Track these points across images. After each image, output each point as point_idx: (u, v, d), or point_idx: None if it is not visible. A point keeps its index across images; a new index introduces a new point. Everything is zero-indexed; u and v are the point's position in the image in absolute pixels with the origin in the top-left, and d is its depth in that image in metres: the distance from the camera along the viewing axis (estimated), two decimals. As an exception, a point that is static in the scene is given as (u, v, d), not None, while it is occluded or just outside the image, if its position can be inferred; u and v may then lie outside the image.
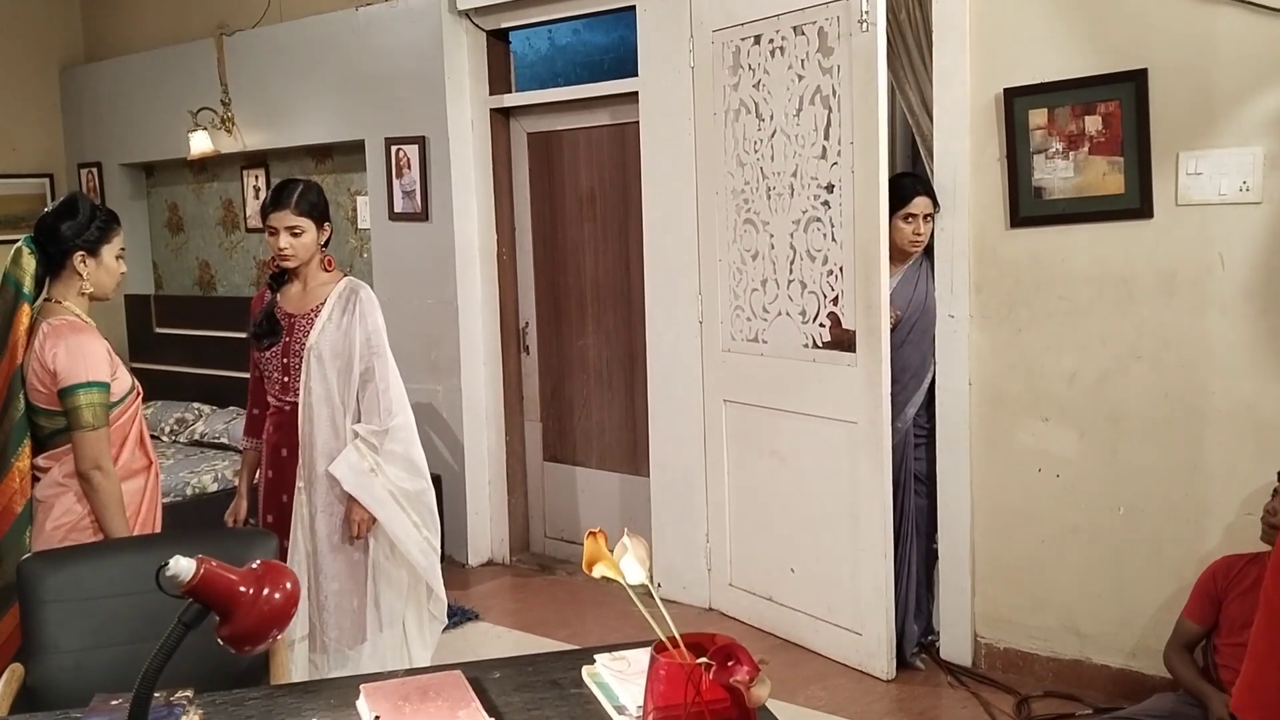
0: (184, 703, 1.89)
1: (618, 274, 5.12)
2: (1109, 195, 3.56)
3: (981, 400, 3.91)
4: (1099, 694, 3.70)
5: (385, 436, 3.31)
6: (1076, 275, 3.67)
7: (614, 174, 5.07)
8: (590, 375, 5.30)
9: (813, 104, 3.97)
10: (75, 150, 7.13)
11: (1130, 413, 3.61)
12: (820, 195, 3.98)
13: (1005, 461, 3.88)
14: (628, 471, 5.17)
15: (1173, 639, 3.23)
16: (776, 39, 4.08)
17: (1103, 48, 3.54)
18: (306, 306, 3.36)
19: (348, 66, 5.56)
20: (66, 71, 7.12)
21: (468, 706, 1.86)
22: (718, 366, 4.52)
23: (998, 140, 3.77)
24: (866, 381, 3.87)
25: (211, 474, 5.37)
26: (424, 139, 5.28)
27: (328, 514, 3.35)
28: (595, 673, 2.02)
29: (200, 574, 1.49)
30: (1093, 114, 3.56)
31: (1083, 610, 3.77)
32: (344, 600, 3.38)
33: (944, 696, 3.81)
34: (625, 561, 1.65)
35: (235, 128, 6.11)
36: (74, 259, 2.94)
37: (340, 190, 5.94)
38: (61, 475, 2.92)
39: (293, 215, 3.28)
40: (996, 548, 3.93)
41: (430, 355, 5.38)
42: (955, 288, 3.90)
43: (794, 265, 4.11)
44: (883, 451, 3.84)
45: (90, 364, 2.86)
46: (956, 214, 3.88)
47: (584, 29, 5.58)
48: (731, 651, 1.49)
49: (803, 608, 4.22)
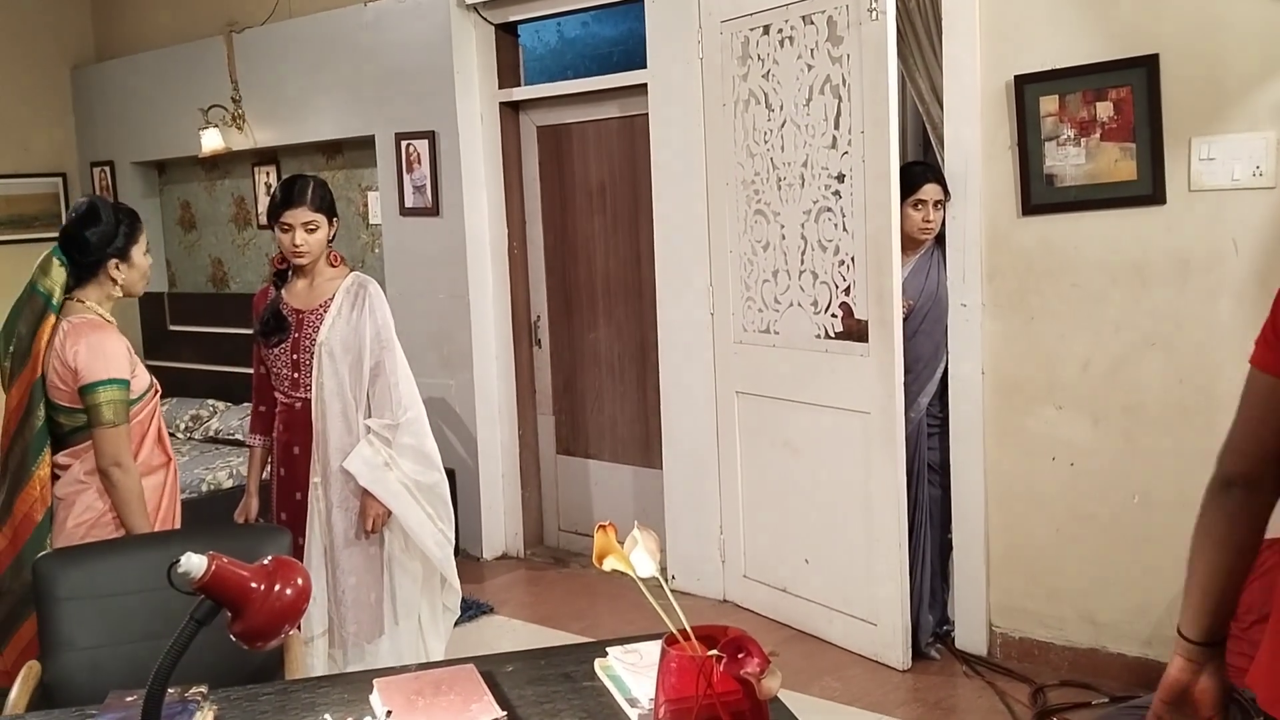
0: (198, 699, 1.90)
1: (629, 266, 5.11)
2: (1121, 182, 3.54)
3: (995, 389, 3.89)
4: (1115, 683, 3.69)
5: (398, 430, 3.32)
6: (1089, 262, 3.65)
7: (624, 166, 5.07)
8: (602, 368, 5.30)
9: (822, 94, 3.95)
10: (87, 149, 7.15)
11: (1144, 400, 3.59)
12: (831, 185, 3.97)
13: (1019, 450, 3.87)
14: (641, 464, 5.17)
15: None
16: (786, 29, 4.06)
17: (1114, 33, 3.51)
18: (314, 302, 3.37)
19: (357, 62, 5.56)
20: (78, 71, 7.14)
21: (480, 700, 1.87)
22: (730, 358, 4.51)
23: (1009, 128, 3.75)
24: (879, 372, 3.86)
25: (226, 470, 5.39)
26: (434, 134, 5.28)
27: (343, 509, 3.36)
28: (608, 665, 2.02)
29: (211, 571, 1.49)
30: (1104, 100, 3.53)
31: (1098, 599, 3.75)
32: (361, 594, 3.40)
33: (959, 686, 3.81)
34: (636, 554, 1.65)
35: (246, 125, 6.12)
36: (107, 266, 2.95)
37: (351, 186, 5.95)
38: (82, 472, 2.93)
39: (309, 211, 3.29)
40: (1011, 537, 3.92)
41: (442, 349, 5.38)
42: (967, 276, 3.88)
43: (805, 256, 4.10)
44: (896, 442, 3.84)
45: (110, 361, 2.87)
46: (968, 202, 3.86)
47: (592, 21, 5.57)
48: (742, 644, 1.49)
49: (817, 599, 4.22)
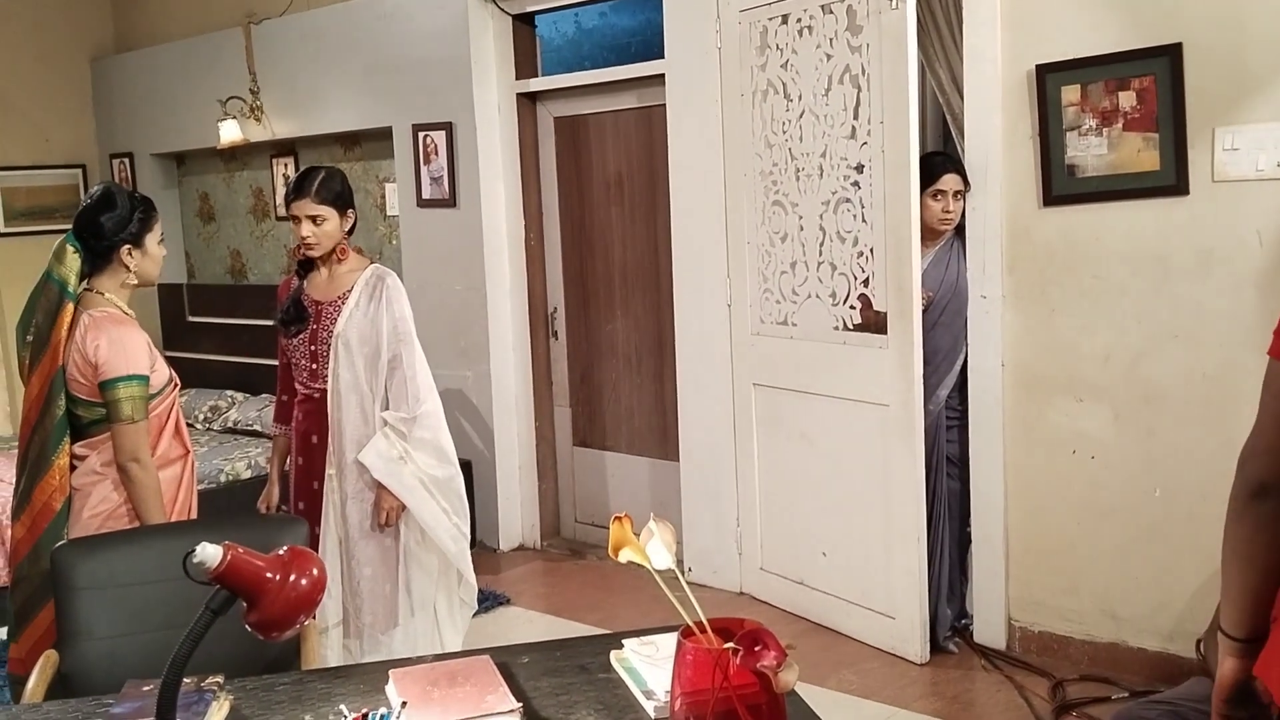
0: (214, 688, 1.90)
1: (646, 258, 5.10)
2: (1143, 172, 3.50)
3: (1015, 382, 3.86)
4: (1135, 677, 3.66)
5: (414, 424, 3.31)
6: (1110, 254, 3.62)
7: (641, 157, 5.05)
8: (619, 360, 5.29)
9: (842, 83, 3.93)
10: (107, 141, 7.18)
11: (1166, 393, 3.56)
12: (850, 176, 3.94)
13: (1039, 443, 3.84)
14: (657, 456, 5.16)
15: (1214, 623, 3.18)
16: (805, 18, 4.03)
17: (1136, 22, 3.47)
18: (333, 294, 3.37)
19: (375, 53, 5.56)
20: (97, 62, 7.16)
21: (495, 691, 1.86)
22: (747, 350, 4.49)
23: (1030, 118, 3.72)
24: (898, 364, 3.84)
25: (245, 461, 5.41)
26: (451, 125, 5.27)
27: (358, 501, 3.36)
28: (623, 658, 2.01)
29: (227, 561, 1.49)
30: (1127, 90, 3.49)
31: (1118, 593, 3.73)
32: (376, 586, 3.40)
33: (978, 680, 3.79)
34: (652, 546, 1.64)
35: (264, 116, 6.13)
36: (120, 253, 2.94)
37: (369, 177, 5.96)
38: (99, 464, 2.94)
39: (313, 204, 3.28)
40: (1030, 530, 3.89)
41: (460, 341, 5.38)
42: (987, 268, 3.85)
43: (824, 247, 4.08)
44: (915, 434, 3.81)
45: (131, 357, 2.87)
46: (988, 193, 3.83)
47: (610, 11, 5.55)
48: (759, 637, 1.48)
49: (835, 591, 4.20)
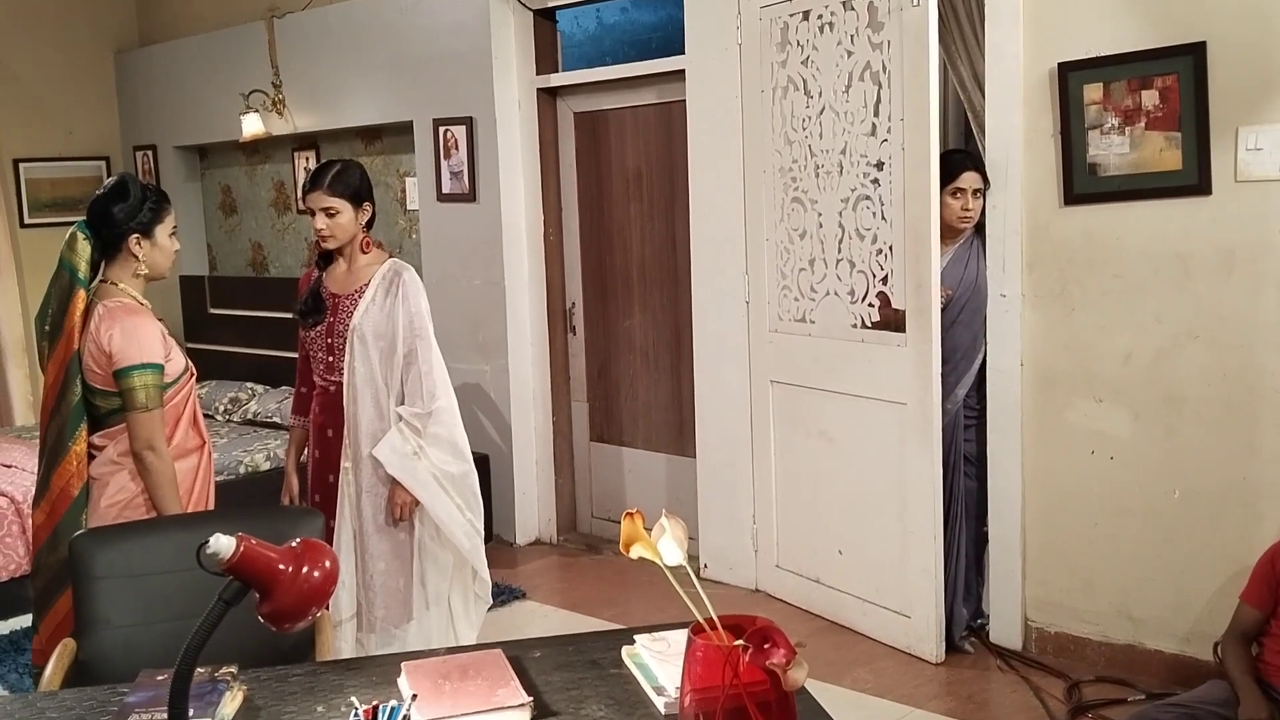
0: (228, 679, 1.91)
1: (664, 254, 5.10)
2: (1166, 171, 3.47)
3: (1033, 381, 3.84)
4: (1152, 679, 3.64)
5: (428, 419, 3.31)
6: (1131, 253, 3.60)
7: (661, 153, 5.05)
8: (637, 356, 5.29)
9: (862, 80, 3.91)
10: (130, 133, 7.23)
11: (1186, 393, 3.53)
12: (870, 173, 3.93)
13: (1057, 443, 3.82)
14: (674, 452, 5.16)
15: (1232, 625, 3.15)
16: (826, 14, 4.02)
17: (1160, 20, 3.45)
18: (350, 287, 3.37)
19: (396, 48, 5.57)
20: (121, 55, 7.21)
21: (507, 685, 1.87)
22: (765, 347, 4.49)
23: (1051, 116, 3.69)
24: (916, 362, 3.82)
25: (264, 452, 5.44)
26: (471, 119, 5.28)
27: (373, 495, 3.37)
28: (635, 653, 2.01)
29: (239, 552, 1.50)
30: (1149, 88, 3.47)
31: (1136, 594, 3.70)
32: (390, 580, 3.40)
33: (993, 680, 3.78)
34: (663, 542, 1.64)
35: (286, 110, 6.16)
36: (129, 241, 2.96)
37: (389, 171, 5.97)
38: (116, 454, 2.95)
39: (326, 196, 3.27)
40: (1048, 530, 3.88)
41: (478, 335, 5.40)
42: (1007, 266, 3.83)
43: (843, 244, 4.06)
44: (932, 433, 3.80)
45: (145, 346, 2.88)
46: (1009, 191, 3.81)
47: (631, 7, 5.54)
48: (769, 634, 1.47)
49: (850, 590, 4.19)
